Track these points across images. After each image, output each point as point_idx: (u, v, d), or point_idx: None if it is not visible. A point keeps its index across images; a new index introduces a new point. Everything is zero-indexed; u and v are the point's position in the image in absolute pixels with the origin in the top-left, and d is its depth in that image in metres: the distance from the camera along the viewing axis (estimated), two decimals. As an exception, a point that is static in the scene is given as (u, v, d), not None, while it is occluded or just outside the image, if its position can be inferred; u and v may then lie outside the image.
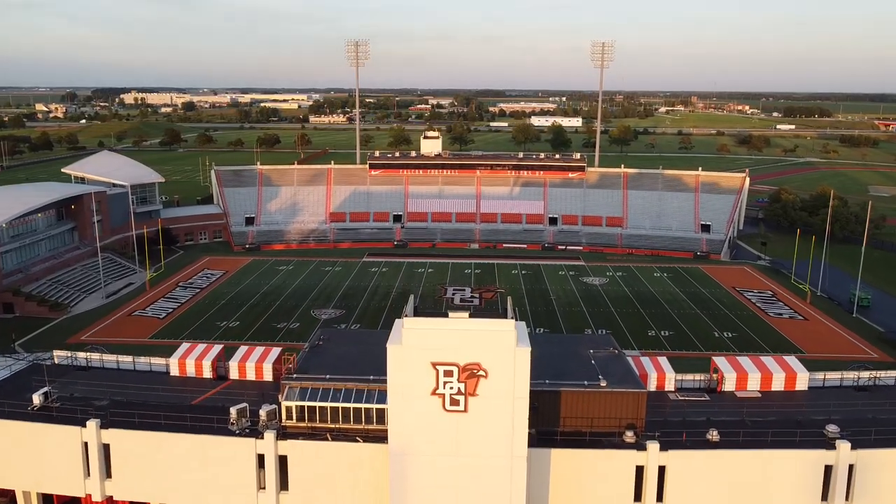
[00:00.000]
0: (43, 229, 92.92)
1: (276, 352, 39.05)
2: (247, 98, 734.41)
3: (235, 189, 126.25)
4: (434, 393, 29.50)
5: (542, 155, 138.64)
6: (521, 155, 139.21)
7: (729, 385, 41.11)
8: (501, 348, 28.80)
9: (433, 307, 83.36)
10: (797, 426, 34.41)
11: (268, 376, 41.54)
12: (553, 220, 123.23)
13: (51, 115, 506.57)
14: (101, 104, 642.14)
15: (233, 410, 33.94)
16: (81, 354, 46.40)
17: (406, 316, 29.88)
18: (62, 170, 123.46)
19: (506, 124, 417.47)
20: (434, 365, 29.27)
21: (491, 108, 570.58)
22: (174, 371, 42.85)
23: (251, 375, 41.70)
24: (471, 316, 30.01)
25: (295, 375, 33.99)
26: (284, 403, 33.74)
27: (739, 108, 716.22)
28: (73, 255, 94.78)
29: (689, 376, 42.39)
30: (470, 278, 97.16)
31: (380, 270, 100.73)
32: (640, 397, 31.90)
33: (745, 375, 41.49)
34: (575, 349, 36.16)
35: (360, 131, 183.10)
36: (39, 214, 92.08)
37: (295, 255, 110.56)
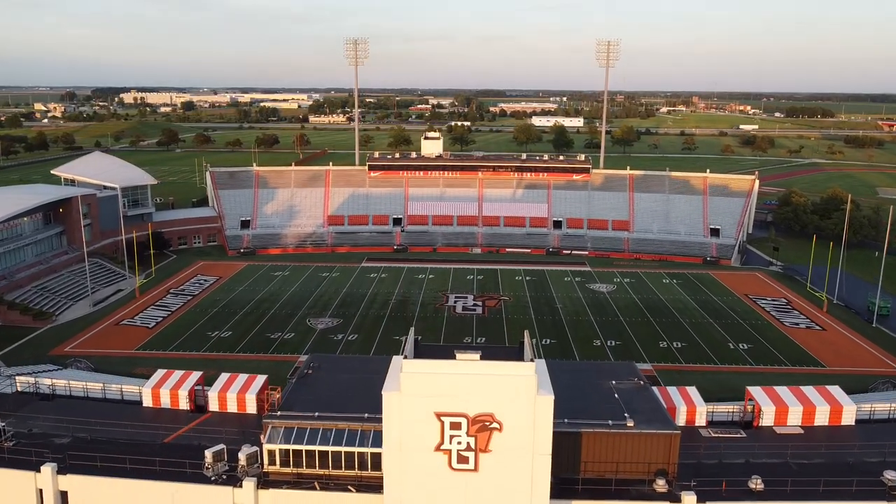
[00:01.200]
0: (29, 234, 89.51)
1: (260, 381, 34.98)
2: (246, 98, 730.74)
3: (231, 191, 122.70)
4: (439, 449, 25.26)
5: (546, 156, 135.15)
6: (524, 156, 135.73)
7: (767, 419, 37.12)
8: (519, 397, 24.48)
9: (434, 314, 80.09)
10: (850, 471, 30.50)
11: (251, 408, 37.46)
12: (557, 224, 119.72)
13: (49, 114, 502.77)
14: (100, 104, 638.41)
15: (208, 453, 30.08)
16: (46, 381, 42.45)
17: (405, 356, 25.69)
18: (52, 171, 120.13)
19: (508, 125, 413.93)
20: (439, 416, 25.01)
21: (492, 108, 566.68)
22: (147, 401, 38.71)
23: (233, 407, 37.68)
24: (483, 357, 25.52)
25: (279, 413, 30.08)
26: (267, 446, 29.73)
27: (741, 108, 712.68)
28: (61, 261, 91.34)
29: (722, 407, 38.54)
30: (472, 285, 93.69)
31: (379, 276, 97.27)
32: (672, 440, 28.21)
33: (784, 409, 37.52)
34: (595, 380, 32.58)
35: (360, 131, 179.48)
36: (25, 218, 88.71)
37: (291, 259, 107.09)
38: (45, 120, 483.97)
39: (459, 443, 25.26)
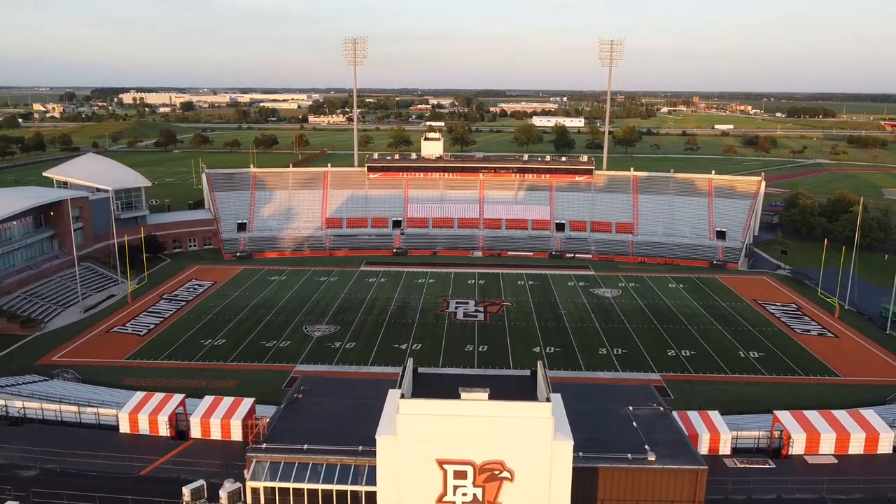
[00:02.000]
0: (18, 238, 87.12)
1: (246, 404, 32.17)
2: (246, 98, 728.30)
3: (227, 193, 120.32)
4: (441, 501, 22.52)
5: (548, 157, 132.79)
6: (525, 157, 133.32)
7: (797, 447, 34.32)
8: (534, 442, 21.54)
9: (434, 321, 77.74)
10: (892, 510, 28.07)
11: (236, 434, 34.58)
12: (560, 227, 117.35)
13: (48, 114, 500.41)
14: (99, 104, 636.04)
15: (186, 491, 27.52)
16: (17, 403, 39.71)
17: (402, 394, 22.93)
18: (44, 173, 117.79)
19: (508, 125, 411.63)
20: (441, 463, 22.11)
21: (492, 109, 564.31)
22: (124, 427, 35.68)
23: (216, 434, 34.74)
24: (490, 391, 22.63)
25: (265, 445, 27.39)
26: (251, 483, 26.72)
27: (742, 108, 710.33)
28: (51, 266, 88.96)
29: (747, 434, 35.84)
30: (474, 289, 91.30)
31: (378, 281, 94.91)
32: (699, 476, 25.58)
33: (816, 436, 34.66)
34: (610, 405, 30.03)
35: (359, 132, 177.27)
36: (14, 222, 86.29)
37: (288, 263, 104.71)
38: (53, 115, 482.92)
39: (465, 494, 22.47)
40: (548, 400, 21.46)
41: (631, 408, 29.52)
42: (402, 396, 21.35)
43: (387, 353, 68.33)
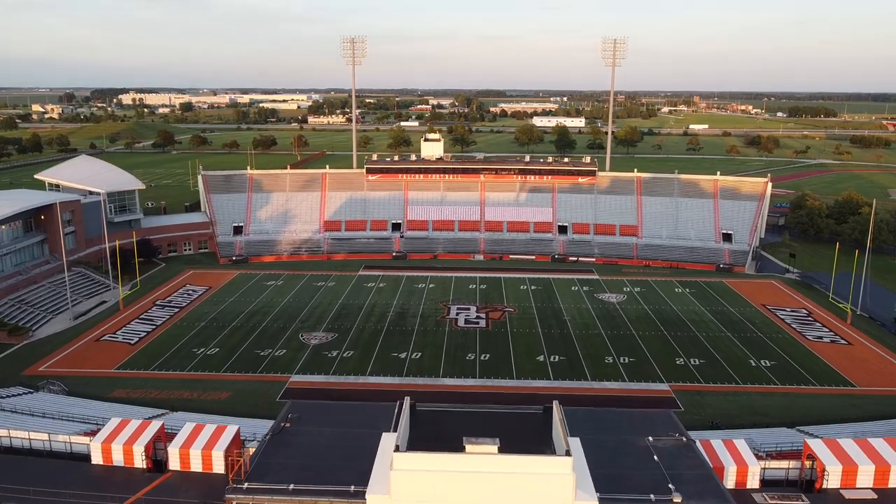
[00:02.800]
0: (7, 242, 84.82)
1: (230, 432, 29.37)
2: (246, 98, 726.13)
3: (224, 195, 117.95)
4: None
5: (550, 158, 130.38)
6: (527, 158, 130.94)
7: (832, 480, 31.37)
8: (552, 502, 18.42)
9: (435, 328, 75.44)
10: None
11: (218, 466, 31.37)
12: (563, 229, 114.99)
13: (46, 115, 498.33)
14: (99, 105, 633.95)
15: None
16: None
17: (397, 446, 19.89)
18: (35, 176, 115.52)
19: (508, 125, 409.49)
20: None
21: (492, 109, 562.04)
22: (96, 458, 32.24)
23: (196, 466, 31.47)
24: (501, 447, 19.19)
25: (246, 485, 24.76)
26: None
27: (742, 108, 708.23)
28: (42, 271, 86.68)
29: (776, 465, 33.15)
30: (475, 295, 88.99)
31: (377, 286, 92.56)
32: (730, 520, 23.21)
33: (853, 468, 31.64)
34: (628, 435, 27.53)
35: (359, 132, 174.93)
36: (3, 226, 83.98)
37: (285, 267, 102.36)
38: (51, 116, 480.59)
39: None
40: (567, 453, 18.65)
41: (651, 438, 26.97)
42: (398, 448, 18.67)
43: (386, 362, 66.04)
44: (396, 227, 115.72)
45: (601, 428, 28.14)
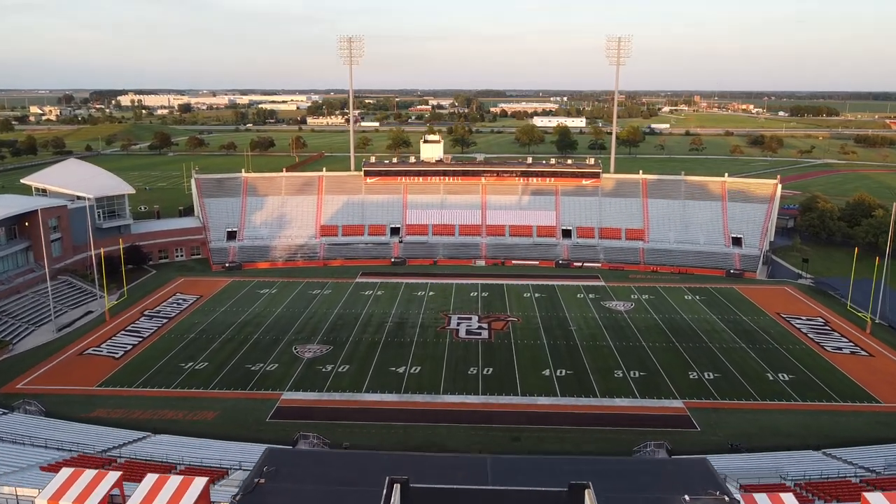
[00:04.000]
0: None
1: (197, 487, 25.67)
2: (245, 99, 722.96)
3: (217, 199, 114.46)
4: None
5: (553, 160, 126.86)
6: (529, 160, 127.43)
7: None
8: None
9: (435, 340, 71.98)
10: None
11: None
12: (567, 233, 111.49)
13: (44, 117, 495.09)
14: (97, 106, 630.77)
15: None
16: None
17: None
18: (21, 180, 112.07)
19: (509, 125, 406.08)
20: None
21: (492, 109, 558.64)
22: None
23: None
24: None
25: None
26: None
27: (743, 107, 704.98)
28: (25, 280, 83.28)
29: None
30: (476, 303, 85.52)
31: (374, 294, 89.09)
32: None
33: None
34: (660, 494, 23.87)
35: (358, 133, 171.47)
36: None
37: (280, 274, 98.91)
38: (49, 117, 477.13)
39: None
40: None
41: (687, 498, 23.44)
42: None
43: (383, 377, 62.58)
44: (395, 231, 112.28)
45: (628, 483, 24.31)
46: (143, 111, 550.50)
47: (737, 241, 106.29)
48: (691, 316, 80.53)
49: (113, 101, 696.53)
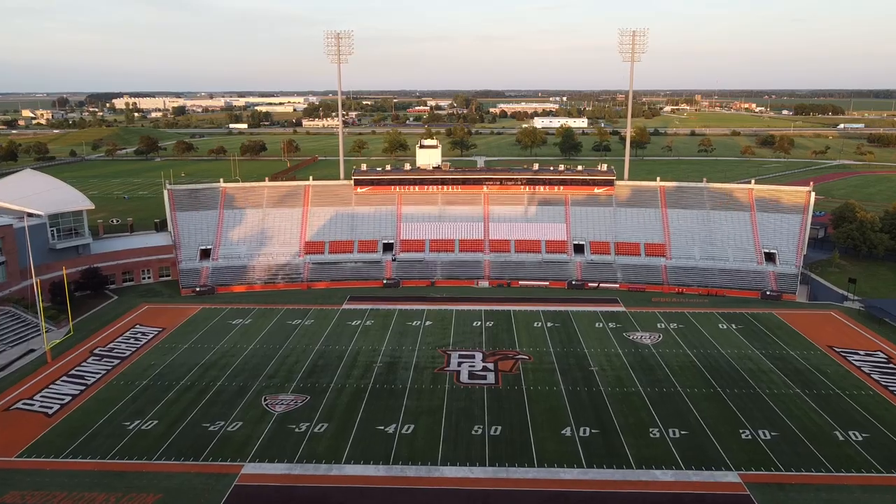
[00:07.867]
0: (-87, 280, 70.27)
1: None
2: (241, 102, 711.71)
3: (191, 213, 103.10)
4: None
5: (562, 166, 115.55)
6: (535, 166, 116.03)
7: None
8: None
9: (431, 386, 60.75)
10: None
11: None
12: (579, 249, 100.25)
13: (34, 121, 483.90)
14: (91, 109, 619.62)
15: None
16: None
17: None
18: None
19: (509, 126, 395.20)
20: None
21: (492, 110, 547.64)
22: None
23: None
24: None
25: None
26: None
27: (746, 106, 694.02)
28: (-42, 313, 72.08)
29: None
30: (480, 335, 74.24)
31: (363, 324, 77.81)
32: None
33: None
34: None
35: (353, 136, 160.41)
36: None
37: (257, 300, 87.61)
38: (39, 121, 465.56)
39: None
40: None
41: None
42: None
43: (368, 440, 51.31)
44: (388, 247, 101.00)
45: None
46: (137, 114, 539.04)
47: (770, 258, 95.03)
48: (730, 350, 69.29)
49: (107, 105, 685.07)
